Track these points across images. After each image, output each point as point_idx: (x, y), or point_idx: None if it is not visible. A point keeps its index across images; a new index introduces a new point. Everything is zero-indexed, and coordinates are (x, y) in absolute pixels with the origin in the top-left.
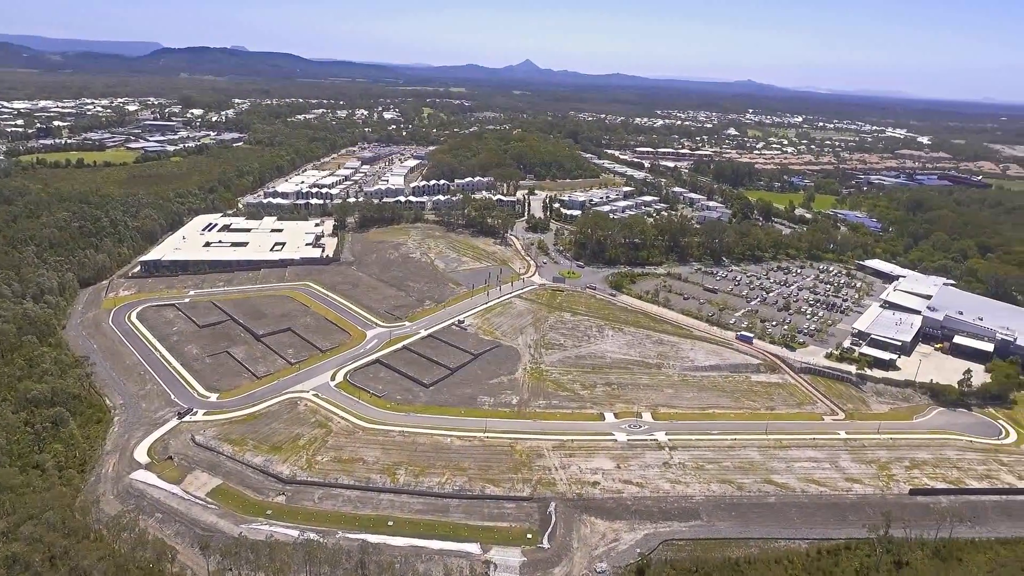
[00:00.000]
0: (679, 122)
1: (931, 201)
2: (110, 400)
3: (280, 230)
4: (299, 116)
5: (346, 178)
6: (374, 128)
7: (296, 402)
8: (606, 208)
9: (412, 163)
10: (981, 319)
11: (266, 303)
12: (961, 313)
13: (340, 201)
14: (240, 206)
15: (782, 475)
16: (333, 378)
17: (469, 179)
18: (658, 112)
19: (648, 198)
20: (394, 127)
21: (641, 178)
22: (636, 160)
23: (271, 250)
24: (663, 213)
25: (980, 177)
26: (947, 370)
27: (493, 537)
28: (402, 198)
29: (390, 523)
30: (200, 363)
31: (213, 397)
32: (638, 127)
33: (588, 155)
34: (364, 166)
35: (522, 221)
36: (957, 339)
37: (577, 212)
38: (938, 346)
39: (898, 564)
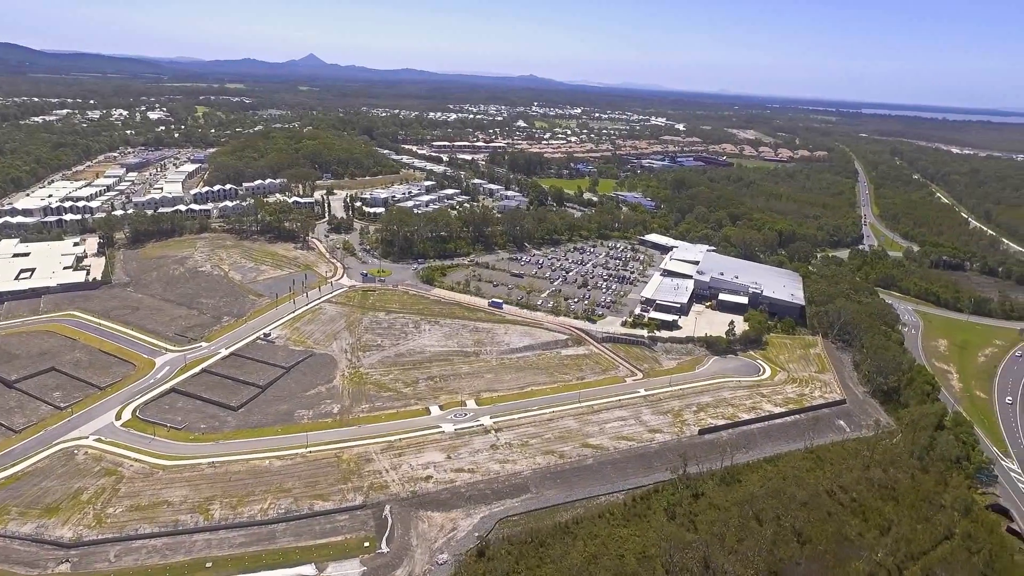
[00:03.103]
0: (472, 116)
1: (690, 180)
2: None
3: (26, 254)
4: (36, 118)
5: (109, 188)
6: (138, 130)
7: (73, 452)
8: (410, 203)
9: (190, 168)
10: (737, 277)
11: (16, 342)
12: (722, 274)
13: (104, 215)
14: None
15: (596, 437)
16: (119, 417)
17: (259, 182)
18: (451, 106)
19: (450, 191)
20: (163, 128)
21: (441, 172)
22: (434, 154)
23: (16, 278)
24: (466, 205)
25: (724, 157)
26: (716, 324)
27: (328, 554)
28: (182, 207)
29: (208, 565)
30: None
31: None
32: (433, 121)
33: (386, 151)
34: (131, 174)
35: (323, 222)
36: (721, 296)
37: (380, 209)
38: (708, 304)
39: (695, 496)
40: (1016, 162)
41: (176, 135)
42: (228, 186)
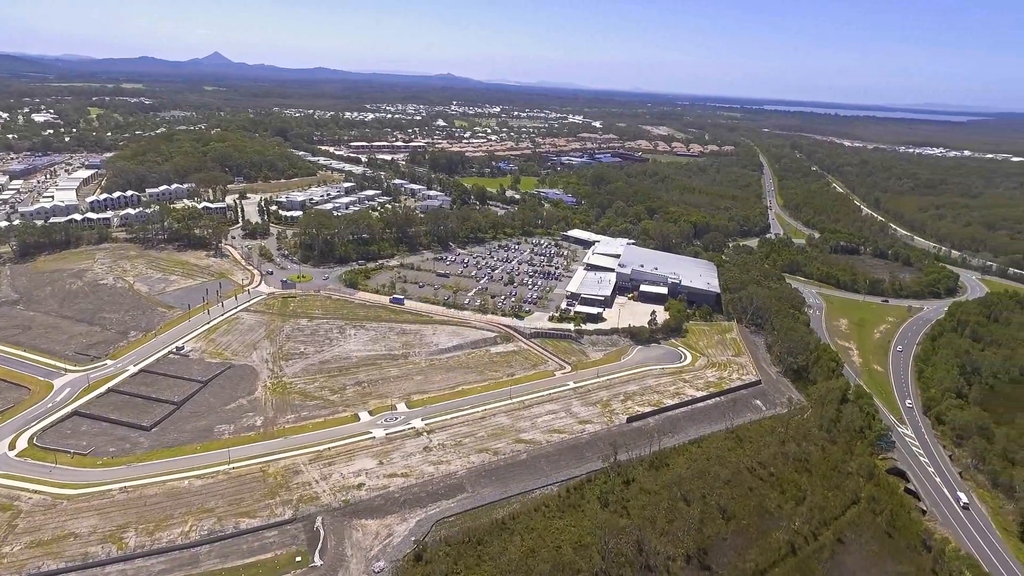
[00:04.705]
0: (390, 115)
1: (609, 176)
2: None
3: None
4: None
5: None
6: (22, 134)
7: None
8: (329, 206)
9: (85, 174)
10: (656, 269)
11: None
12: (643, 266)
13: None
14: None
15: (529, 432)
16: (12, 446)
17: (164, 187)
18: (368, 106)
19: (371, 192)
20: (51, 132)
21: (360, 173)
22: (353, 155)
23: None
24: (387, 206)
25: (640, 153)
26: (639, 314)
27: (258, 573)
28: (78, 216)
29: None
30: None
31: None
32: (350, 121)
33: (301, 153)
34: (15, 181)
35: (237, 228)
36: (642, 287)
37: (298, 213)
38: (630, 296)
39: (627, 482)
40: (899, 153)
41: (67, 139)
42: (129, 192)
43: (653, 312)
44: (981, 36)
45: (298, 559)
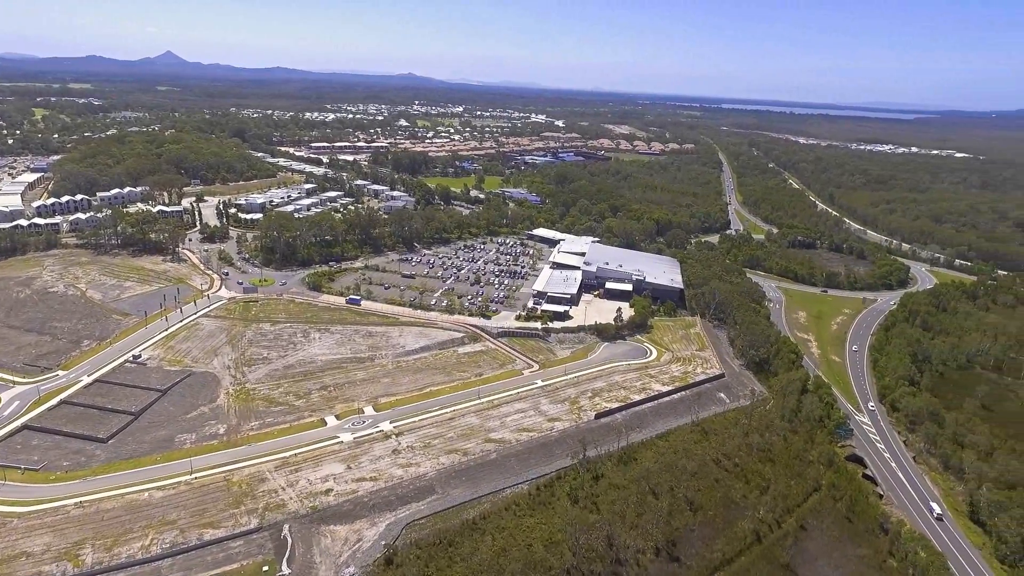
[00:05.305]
0: (351, 115)
1: (572, 174)
2: None
3: None
4: None
5: None
6: None
7: None
8: (290, 208)
9: (30, 177)
10: (621, 266)
11: None
12: (607, 264)
13: None
14: None
15: (499, 431)
16: None
17: (116, 191)
18: (328, 106)
19: (333, 193)
20: None
21: (322, 174)
22: (314, 156)
23: None
24: (350, 207)
25: (603, 152)
26: (605, 311)
27: None
28: (24, 222)
29: None
30: None
31: None
32: (310, 122)
33: (260, 154)
34: None
35: (195, 232)
36: (608, 285)
37: (258, 215)
38: (596, 293)
39: (596, 478)
40: (851, 150)
41: (10, 141)
42: (79, 197)
43: (619, 309)
44: (933, 37)
45: (265, 568)
